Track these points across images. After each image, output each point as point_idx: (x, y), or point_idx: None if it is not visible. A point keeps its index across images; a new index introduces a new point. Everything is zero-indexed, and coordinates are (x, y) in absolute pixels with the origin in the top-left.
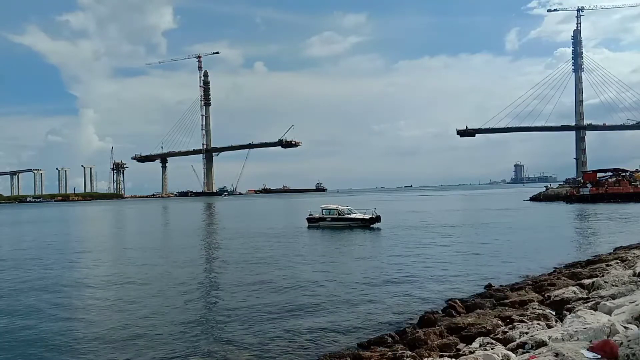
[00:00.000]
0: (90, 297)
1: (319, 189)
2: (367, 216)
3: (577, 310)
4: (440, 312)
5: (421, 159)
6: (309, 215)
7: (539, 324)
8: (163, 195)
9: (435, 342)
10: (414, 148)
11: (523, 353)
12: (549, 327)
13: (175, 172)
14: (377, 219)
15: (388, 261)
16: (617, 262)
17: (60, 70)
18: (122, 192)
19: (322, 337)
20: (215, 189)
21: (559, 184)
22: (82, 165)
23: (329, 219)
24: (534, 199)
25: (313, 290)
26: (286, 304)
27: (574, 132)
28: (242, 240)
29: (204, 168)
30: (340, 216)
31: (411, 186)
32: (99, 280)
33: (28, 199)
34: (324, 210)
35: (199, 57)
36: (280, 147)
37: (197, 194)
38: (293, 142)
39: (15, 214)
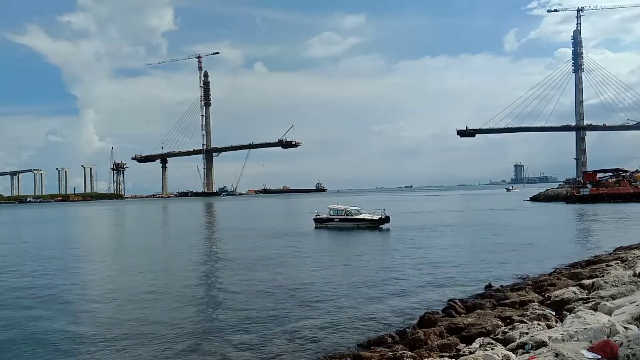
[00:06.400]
0: (90, 297)
1: (319, 189)
2: (375, 217)
3: (577, 311)
4: (440, 312)
5: (421, 159)
6: (316, 215)
7: (539, 324)
8: (163, 195)
9: (436, 343)
10: (414, 148)
11: (523, 353)
12: (549, 327)
13: (175, 173)
14: (386, 219)
15: (389, 261)
16: (617, 263)
17: (61, 70)
18: (122, 192)
19: (322, 337)
20: (215, 189)
21: (559, 184)
22: (82, 166)
23: (337, 220)
24: (534, 199)
25: (314, 290)
26: (286, 304)
27: (574, 132)
28: (246, 241)
29: (204, 168)
30: (348, 217)
31: (411, 186)
32: (98, 279)
33: (28, 199)
34: (331, 211)
35: (199, 57)
36: (280, 147)
37: (197, 194)
38: (293, 142)
39: (16, 214)
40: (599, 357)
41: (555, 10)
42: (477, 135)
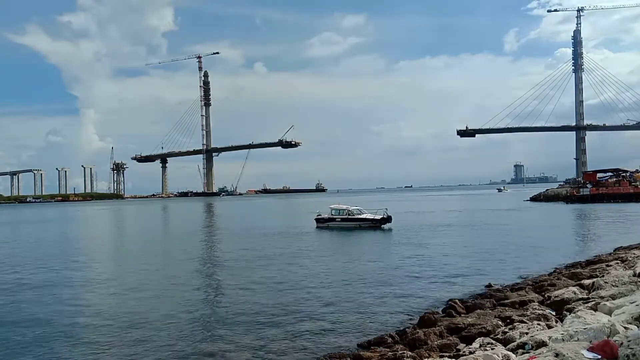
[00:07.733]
0: (91, 297)
1: (319, 189)
2: (377, 216)
3: (577, 311)
4: (440, 312)
5: (421, 159)
6: (318, 215)
7: (539, 324)
8: (163, 195)
9: (435, 343)
10: (414, 148)
11: (523, 353)
12: (549, 327)
13: (175, 173)
14: (388, 219)
15: (389, 261)
16: (617, 263)
17: (61, 70)
18: (122, 192)
19: (322, 337)
20: (215, 189)
21: (559, 184)
22: (82, 166)
23: (339, 220)
24: (534, 199)
25: (314, 290)
26: (287, 304)
27: (574, 132)
28: (246, 241)
29: (204, 168)
30: (350, 216)
31: (411, 186)
32: (99, 280)
33: (28, 199)
34: (333, 211)
35: (199, 57)
36: (280, 147)
37: (197, 194)
38: (293, 142)
39: (16, 214)
40: (599, 357)
41: (555, 10)
42: (477, 135)
